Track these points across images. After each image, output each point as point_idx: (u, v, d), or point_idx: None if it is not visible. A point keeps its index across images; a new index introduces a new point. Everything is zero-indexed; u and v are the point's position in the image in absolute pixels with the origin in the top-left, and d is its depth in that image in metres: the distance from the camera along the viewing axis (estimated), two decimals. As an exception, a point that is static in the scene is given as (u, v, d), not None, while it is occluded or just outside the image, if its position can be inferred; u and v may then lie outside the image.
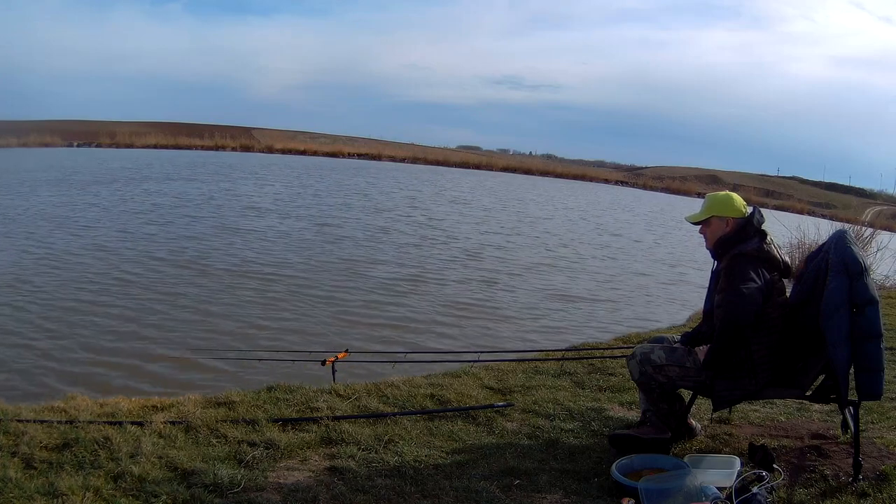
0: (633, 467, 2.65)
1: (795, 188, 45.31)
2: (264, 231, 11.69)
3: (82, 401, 3.38)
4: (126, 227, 11.03)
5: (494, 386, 4.00)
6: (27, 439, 2.77)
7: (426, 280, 8.81)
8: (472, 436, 3.16)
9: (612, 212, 23.05)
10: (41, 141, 32.05)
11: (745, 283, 2.64)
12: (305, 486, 2.53)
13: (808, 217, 16.67)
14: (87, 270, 7.91)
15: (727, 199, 2.88)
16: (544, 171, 43.39)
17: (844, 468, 2.65)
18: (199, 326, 6.15)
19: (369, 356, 5.20)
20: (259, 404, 3.40)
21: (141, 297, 6.92)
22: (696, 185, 40.15)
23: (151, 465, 2.60)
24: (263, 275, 8.32)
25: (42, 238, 9.63)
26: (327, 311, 6.96)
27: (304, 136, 48.25)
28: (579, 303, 8.43)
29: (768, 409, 3.52)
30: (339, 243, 11.04)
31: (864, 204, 36.52)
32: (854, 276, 2.52)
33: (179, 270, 8.25)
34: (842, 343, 2.51)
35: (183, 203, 14.60)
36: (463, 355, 4.86)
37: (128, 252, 9.10)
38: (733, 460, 2.66)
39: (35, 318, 6.01)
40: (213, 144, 38.26)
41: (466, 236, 13.18)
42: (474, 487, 2.57)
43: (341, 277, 8.53)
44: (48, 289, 7.00)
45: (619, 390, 3.94)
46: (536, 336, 6.71)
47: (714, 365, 2.73)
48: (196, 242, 10.16)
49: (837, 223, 9.16)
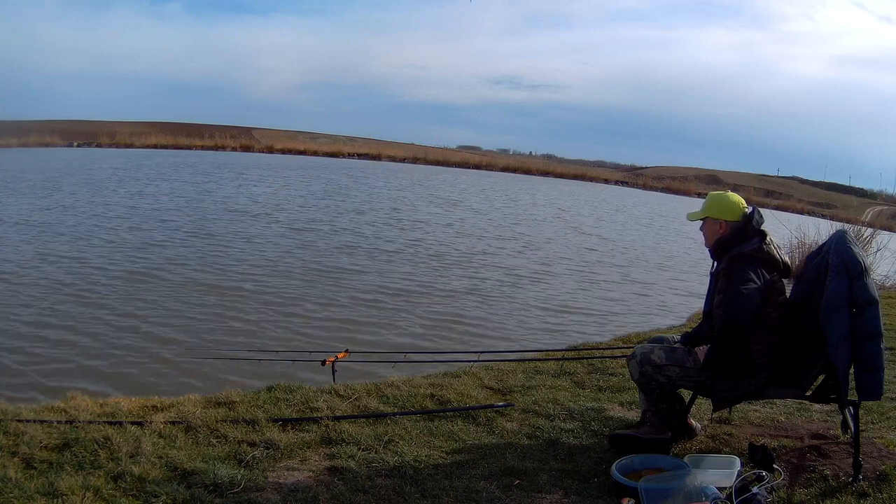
0: (633, 467, 2.65)
1: (795, 188, 45.32)
2: (264, 231, 11.69)
3: (82, 401, 3.38)
4: (127, 227, 11.04)
5: (494, 386, 4.00)
6: (27, 439, 2.77)
7: (426, 279, 8.81)
8: (472, 436, 3.16)
9: (611, 212, 23.05)
10: (41, 141, 32.03)
11: (745, 283, 2.64)
12: (305, 486, 2.53)
13: (808, 217, 16.69)
14: (86, 270, 7.91)
15: (724, 201, 2.88)
16: (544, 171, 43.36)
17: (844, 468, 2.65)
18: (199, 326, 6.15)
19: (369, 356, 5.20)
20: (259, 404, 3.40)
21: (141, 297, 6.91)
22: (696, 185, 40.15)
23: (151, 465, 2.60)
24: (263, 275, 8.32)
25: (42, 237, 9.63)
26: (327, 311, 6.96)
27: (305, 136, 48.21)
28: (580, 303, 8.43)
29: (768, 409, 3.52)
30: (339, 243, 11.03)
31: (864, 204, 36.51)
32: (854, 277, 2.52)
33: (179, 270, 8.25)
34: (842, 343, 2.51)
35: (183, 203, 14.60)
36: (463, 355, 4.86)
37: (128, 252, 9.10)
38: (733, 460, 2.66)
39: (35, 318, 6.01)
40: (213, 144, 38.23)
41: (467, 238, 13.19)
42: (474, 487, 2.57)
43: (342, 277, 8.53)
44: (48, 288, 7.00)
45: (619, 390, 3.94)
46: (536, 336, 6.71)
47: (714, 365, 2.73)
48: (195, 243, 10.15)
49: (837, 223, 9.17)
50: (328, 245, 10.81)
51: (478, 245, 12.19)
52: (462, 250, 11.40)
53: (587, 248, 13.50)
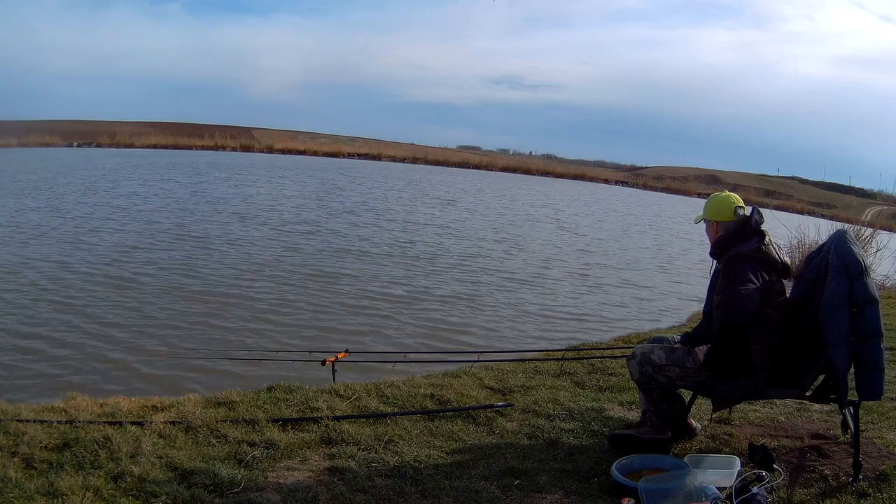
0: (633, 467, 2.65)
1: (795, 188, 45.33)
2: (264, 231, 11.70)
3: (82, 401, 3.37)
4: (128, 226, 11.03)
5: (494, 386, 4.00)
6: (27, 439, 2.77)
7: (427, 280, 8.82)
8: (472, 436, 3.16)
9: (611, 213, 23.04)
10: (41, 141, 32.02)
11: (744, 283, 2.64)
12: (305, 486, 2.53)
13: (808, 217, 16.67)
14: (86, 270, 7.91)
15: (718, 203, 2.91)
16: (544, 171, 43.38)
17: (844, 468, 2.65)
18: (199, 326, 6.15)
19: (369, 356, 5.20)
20: (259, 404, 3.40)
21: (141, 297, 6.91)
22: (696, 185, 40.20)
23: (151, 465, 2.60)
24: (262, 275, 8.32)
25: (42, 236, 9.63)
26: (327, 311, 6.96)
27: (305, 136, 48.21)
28: (579, 303, 8.43)
29: (768, 409, 3.52)
30: (339, 243, 11.04)
31: (864, 204, 36.52)
32: (854, 276, 2.52)
33: (179, 270, 8.25)
34: (842, 343, 2.51)
35: (183, 205, 14.60)
36: (463, 355, 4.86)
37: (128, 251, 9.09)
38: (733, 460, 2.66)
39: (35, 318, 6.01)
40: (213, 144, 38.23)
41: (471, 236, 13.19)
42: (474, 487, 2.57)
43: (342, 278, 8.52)
44: (48, 288, 7.00)
45: (619, 390, 3.94)
46: (536, 336, 6.71)
47: (714, 365, 2.73)
48: (195, 242, 10.15)
49: (837, 223, 9.15)
50: (328, 245, 10.80)
51: (477, 247, 12.19)
52: (462, 251, 11.40)
53: (587, 249, 13.50)
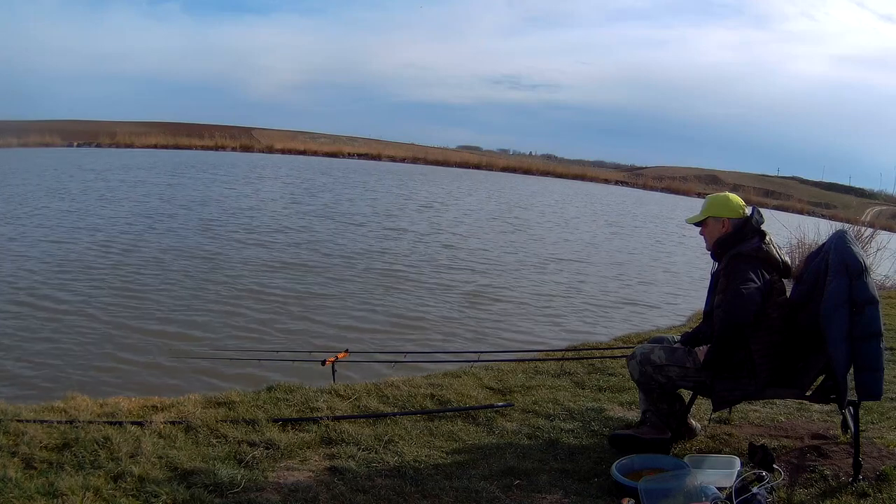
0: (633, 467, 2.65)
1: (795, 188, 45.29)
2: (264, 231, 11.69)
3: (82, 401, 3.37)
4: (128, 226, 11.03)
5: (494, 386, 4.00)
6: (27, 439, 2.77)
7: (428, 279, 8.82)
8: (472, 436, 3.16)
9: (610, 213, 23.04)
10: (41, 141, 31.98)
11: (745, 283, 2.64)
12: (305, 486, 2.53)
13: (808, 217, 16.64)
14: (86, 270, 7.91)
15: (724, 199, 2.90)
16: (544, 171, 43.34)
17: (844, 468, 2.65)
18: (199, 326, 6.15)
19: (369, 356, 5.21)
20: (259, 404, 3.40)
21: (141, 297, 6.91)
22: (696, 185, 40.16)
23: (151, 465, 2.60)
24: (263, 275, 8.32)
25: (41, 235, 9.63)
26: (327, 311, 6.96)
27: (304, 136, 48.17)
28: (579, 303, 8.43)
29: (768, 409, 3.53)
30: (339, 243, 11.04)
31: (864, 204, 36.42)
32: (854, 276, 2.52)
33: (179, 270, 8.25)
34: (842, 343, 2.50)
35: (182, 205, 14.60)
36: (463, 355, 4.87)
37: (128, 251, 9.10)
38: (733, 460, 2.66)
39: (34, 318, 6.01)
40: (213, 144, 38.20)
41: (472, 237, 13.19)
42: (474, 487, 2.57)
43: (342, 278, 8.53)
44: (48, 288, 7.00)
45: (619, 390, 3.94)
46: (536, 336, 6.71)
47: (714, 365, 2.73)
48: (194, 243, 10.15)
49: (837, 223, 9.14)
50: (329, 246, 10.81)
51: (477, 246, 12.19)
52: (462, 251, 11.40)
53: (586, 249, 13.50)
